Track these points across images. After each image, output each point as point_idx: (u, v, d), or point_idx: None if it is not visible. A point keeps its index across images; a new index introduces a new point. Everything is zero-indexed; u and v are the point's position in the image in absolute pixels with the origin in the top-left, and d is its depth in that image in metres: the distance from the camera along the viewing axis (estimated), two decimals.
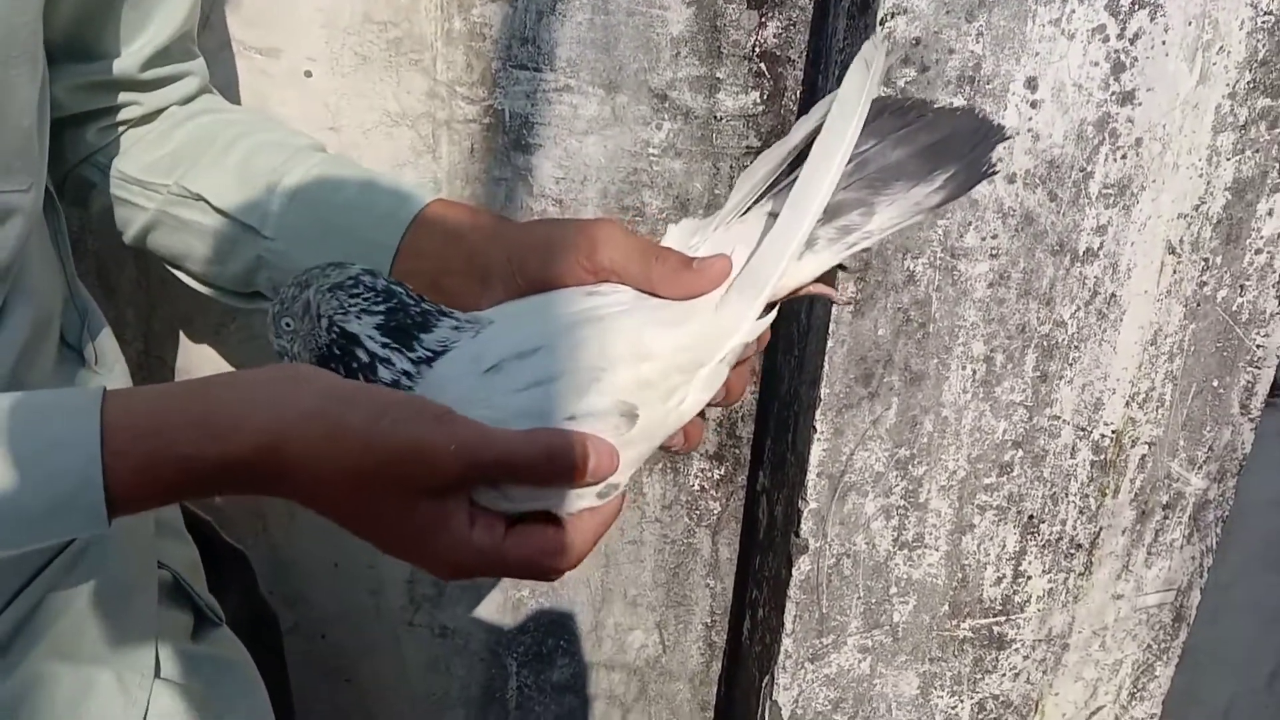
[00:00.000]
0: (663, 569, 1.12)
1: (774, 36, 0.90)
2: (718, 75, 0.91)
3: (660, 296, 0.54)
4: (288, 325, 0.52)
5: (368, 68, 0.90)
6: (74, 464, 0.47)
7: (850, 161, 0.54)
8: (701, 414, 0.56)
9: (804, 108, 0.93)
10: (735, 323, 0.53)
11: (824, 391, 0.90)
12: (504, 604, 1.13)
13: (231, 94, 0.90)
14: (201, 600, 0.74)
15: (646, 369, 0.51)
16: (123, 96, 0.71)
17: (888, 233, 0.56)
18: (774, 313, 0.55)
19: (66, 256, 0.71)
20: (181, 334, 1.00)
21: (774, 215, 0.55)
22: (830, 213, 0.54)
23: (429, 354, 0.51)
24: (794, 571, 0.97)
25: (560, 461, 0.48)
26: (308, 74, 0.90)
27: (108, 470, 0.47)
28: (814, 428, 0.92)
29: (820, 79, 0.91)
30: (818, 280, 0.58)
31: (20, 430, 0.48)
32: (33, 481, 0.47)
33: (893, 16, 0.79)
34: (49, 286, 0.68)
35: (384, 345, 0.50)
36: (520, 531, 0.50)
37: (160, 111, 0.73)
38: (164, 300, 0.98)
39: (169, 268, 0.74)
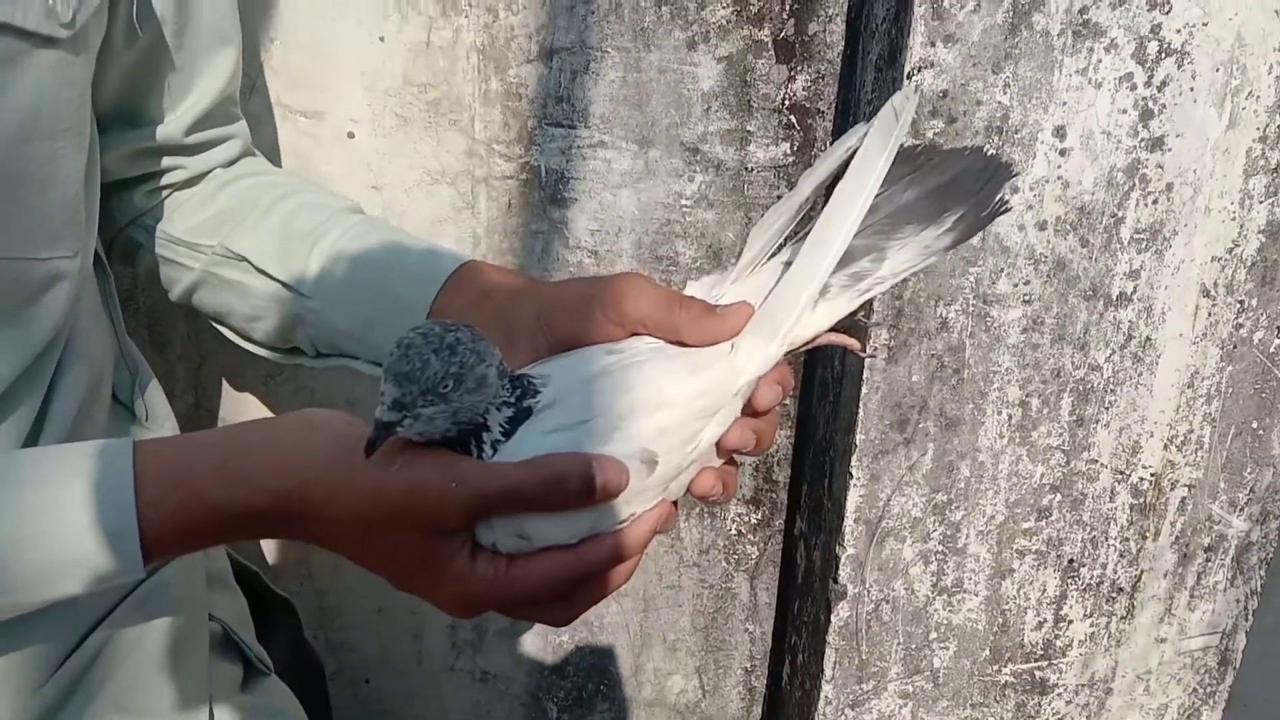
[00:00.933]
0: (701, 614, 1.12)
1: (803, 89, 0.92)
2: (748, 128, 0.93)
3: (686, 344, 0.55)
4: (446, 388, 0.47)
5: (408, 128, 0.92)
6: (110, 514, 0.49)
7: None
8: (734, 461, 0.57)
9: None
10: (746, 361, 0.54)
11: (859, 438, 0.91)
12: (544, 648, 1.14)
13: (277, 155, 0.93)
14: (251, 651, 0.76)
15: (664, 416, 0.51)
16: (168, 161, 0.74)
17: (900, 278, 0.56)
18: (784, 349, 0.55)
19: (116, 316, 0.74)
20: (230, 387, 1.03)
21: (790, 265, 0.55)
22: (842, 260, 0.54)
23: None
24: (833, 617, 0.97)
25: (565, 485, 0.48)
26: (350, 135, 0.93)
27: (142, 519, 0.49)
28: (850, 474, 0.93)
29: (846, 128, 0.92)
30: (839, 330, 0.58)
31: (57, 482, 0.50)
32: (71, 531, 0.49)
33: (920, 70, 0.80)
34: (101, 346, 0.70)
35: (499, 436, 0.50)
36: (523, 560, 0.50)
37: (205, 175, 0.76)
38: (213, 354, 1.01)
39: (213, 324, 0.77)
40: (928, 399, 0.90)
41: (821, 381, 1.00)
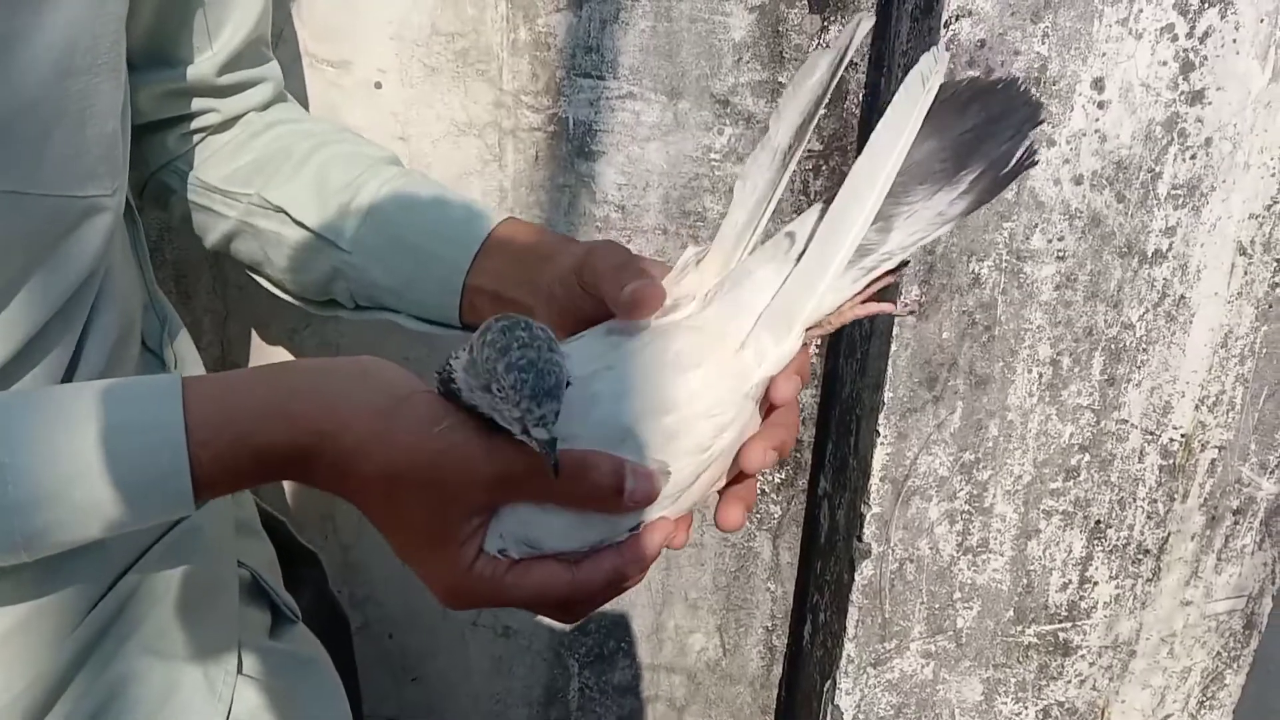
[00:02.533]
0: (723, 572, 1.12)
1: (836, 40, 0.90)
2: (780, 80, 0.92)
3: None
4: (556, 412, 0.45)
5: (435, 78, 0.91)
6: (162, 455, 0.49)
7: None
8: (737, 478, 0.53)
9: (866, 111, 0.93)
10: (756, 360, 0.49)
11: (887, 395, 0.90)
12: None
13: (303, 106, 0.93)
14: (279, 598, 0.76)
15: (669, 421, 0.48)
16: (201, 103, 0.73)
17: (909, 251, 0.50)
18: (799, 343, 0.51)
19: (145, 263, 0.74)
20: (256, 339, 1.03)
21: (790, 236, 0.51)
22: None
23: None
24: (856, 576, 0.97)
25: (594, 476, 0.47)
26: (378, 85, 0.92)
27: (193, 459, 0.49)
28: (877, 432, 0.92)
29: (883, 81, 0.91)
30: (869, 300, 0.52)
31: (111, 417, 0.50)
32: (123, 469, 0.50)
33: (957, 19, 0.79)
34: (131, 291, 0.70)
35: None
36: (523, 568, 0.50)
37: (238, 118, 0.75)
38: (239, 306, 1.01)
39: (249, 272, 0.77)
40: (958, 356, 0.89)
41: (849, 338, 0.99)
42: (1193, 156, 0.83)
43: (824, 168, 0.95)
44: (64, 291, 0.60)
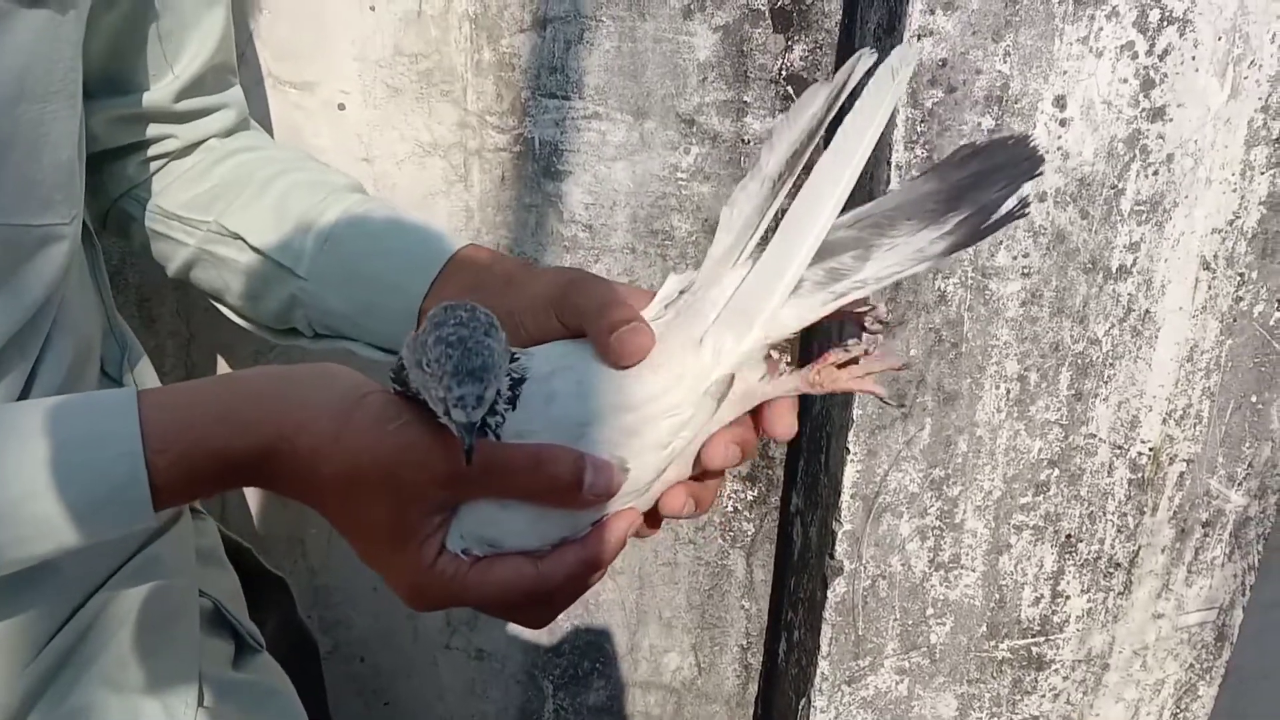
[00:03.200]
0: (697, 590, 1.12)
1: (800, 59, 0.91)
2: (745, 99, 0.92)
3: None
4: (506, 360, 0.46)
5: (399, 99, 0.91)
6: (118, 462, 0.49)
7: (871, 201, 0.49)
8: (701, 476, 0.53)
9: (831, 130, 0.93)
10: (713, 359, 0.49)
11: (856, 413, 0.90)
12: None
13: (266, 128, 0.92)
14: (243, 628, 0.75)
15: (629, 419, 0.48)
16: (159, 129, 0.72)
17: (883, 284, 0.49)
18: (763, 344, 0.50)
19: (105, 289, 0.73)
20: (221, 363, 1.02)
21: (761, 243, 0.50)
22: (822, 252, 0.48)
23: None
24: (829, 593, 0.97)
25: (551, 468, 0.47)
26: (341, 107, 0.91)
27: (149, 467, 0.49)
28: (847, 449, 0.92)
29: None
30: (866, 377, 0.52)
31: (64, 432, 0.50)
32: (79, 481, 0.49)
33: (919, 39, 0.79)
34: (89, 318, 0.69)
35: (502, 412, 0.48)
36: (485, 565, 0.49)
37: (198, 145, 0.74)
38: (203, 330, 1.00)
39: (210, 300, 0.76)
40: (925, 373, 0.89)
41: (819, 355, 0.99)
42: (1155, 173, 0.84)
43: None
44: (18, 319, 0.59)
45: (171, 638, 0.68)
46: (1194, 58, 0.81)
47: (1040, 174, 0.50)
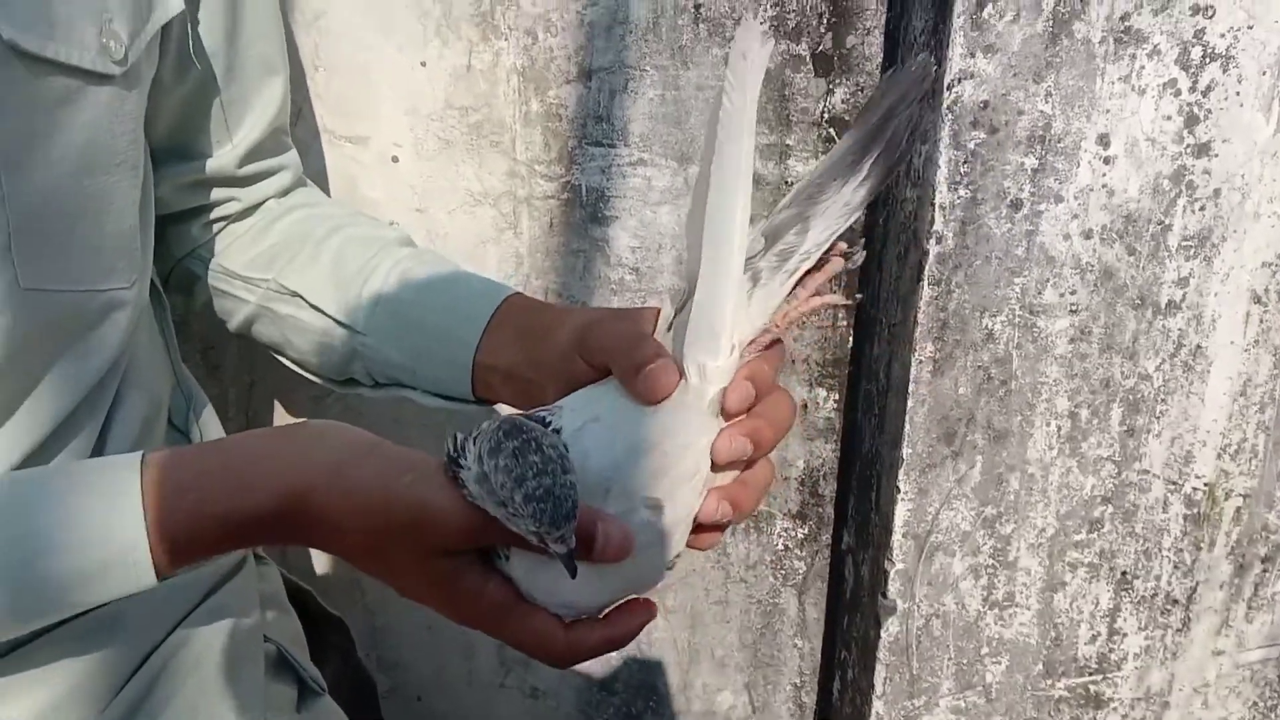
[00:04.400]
0: (749, 629, 1.12)
1: (841, 102, 0.92)
2: (787, 142, 0.93)
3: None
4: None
5: (451, 151, 0.94)
6: (120, 526, 0.51)
7: (804, 177, 0.51)
8: (758, 464, 0.55)
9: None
10: (698, 380, 0.51)
11: (906, 451, 0.91)
12: (592, 664, 1.14)
13: (323, 181, 0.95)
14: (306, 672, 0.77)
15: (653, 460, 0.50)
16: (222, 193, 0.75)
17: (824, 246, 0.51)
18: (738, 354, 0.52)
19: (172, 344, 0.76)
20: (282, 409, 1.04)
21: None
22: (770, 238, 0.50)
23: None
24: (883, 633, 0.97)
25: None
26: (394, 159, 0.94)
27: (151, 529, 0.51)
28: (898, 487, 0.92)
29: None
30: (814, 294, 0.54)
31: (69, 498, 0.52)
32: (83, 544, 0.51)
33: (959, 81, 0.80)
34: (157, 374, 0.72)
35: None
36: (529, 609, 0.51)
37: (258, 205, 0.77)
38: (265, 377, 1.03)
39: (271, 353, 0.79)
40: (975, 411, 0.89)
41: (866, 395, 0.99)
42: (1202, 208, 0.84)
43: None
44: (88, 380, 0.62)
45: (237, 683, 0.70)
46: (1238, 93, 0.81)
47: (927, 86, 0.51)
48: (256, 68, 0.72)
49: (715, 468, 0.53)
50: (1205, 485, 0.92)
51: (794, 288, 0.53)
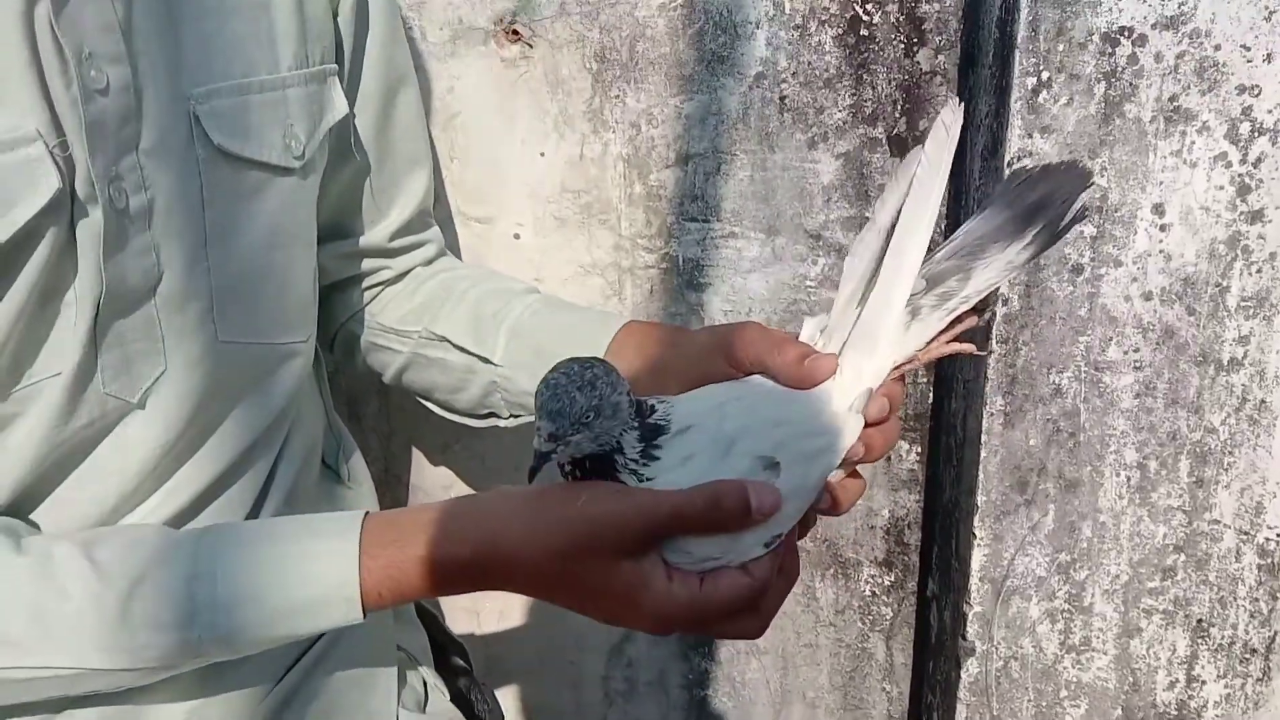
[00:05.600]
0: (839, 672, 1.18)
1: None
2: (866, 214, 1.02)
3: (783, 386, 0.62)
4: (590, 418, 0.55)
5: (565, 229, 1.06)
6: (337, 565, 0.61)
7: (958, 236, 0.61)
8: (856, 474, 0.64)
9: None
10: (854, 377, 0.60)
11: (981, 499, 0.97)
12: (689, 701, 1.22)
13: (456, 255, 1.09)
14: (432, 680, 0.88)
15: (779, 433, 0.59)
16: (377, 263, 0.89)
17: (983, 294, 0.60)
18: (888, 370, 0.61)
19: (326, 394, 0.89)
20: (416, 453, 1.17)
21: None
22: (931, 281, 0.60)
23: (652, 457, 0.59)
24: (963, 674, 1.02)
25: (725, 503, 0.56)
26: (516, 236, 1.07)
27: (362, 568, 0.61)
28: (974, 533, 0.98)
29: (960, 214, 1.00)
30: (953, 340, 0.63)
31: (300, 542, 0.63)
32: (307, 579, 0.61)
33: (1019, 159, 0.88)
34: (315, 419, 0.85)
35: (635, 456, 0.58)
36: (712, 578, 0.58)
37: (407, 273, 0.90)
38: (401, 427, 1.16)
39: (419, 399, 0.91)
40: (1046, 461, 0.95)
41: (945, 447, 1.06)
42: (1258, 270, 0.89)
43: None
44: (265, 421, 0.74)
45: (374, 681, 0.81)
46: None
47: (1092, 184, 0.61)
48: (404, 160, 0.86)
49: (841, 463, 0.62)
50: (1278, 535, 0.95)
51: (945, 328, 0.62)
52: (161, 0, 0.63)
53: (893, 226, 0.61)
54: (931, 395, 1.07)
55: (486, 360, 0.82)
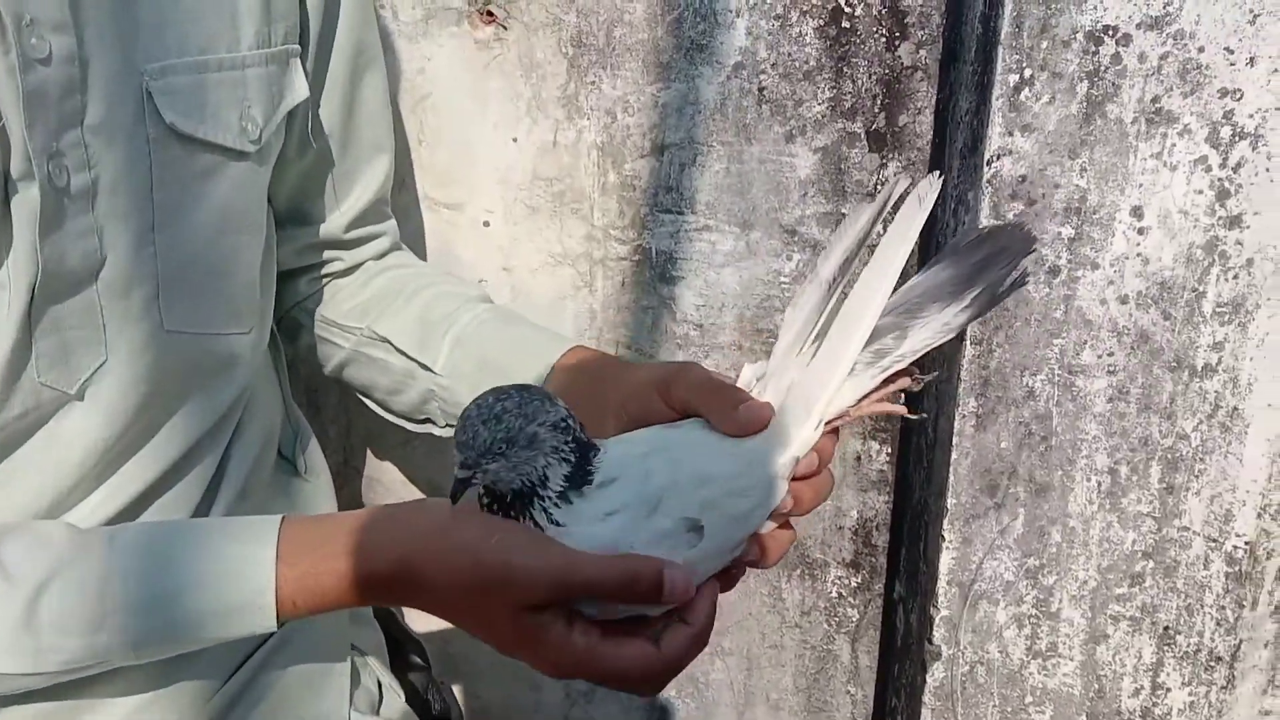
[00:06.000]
0: (803, 674, 1.17)
1: (894, 175, 1.00)
2: (842, 210, 1.01)
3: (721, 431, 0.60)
4: (501, 449, 0.54)
5: (536, 217, 1.04)
6: (254, 572, 0.59)
7: (899, 292, 0.59)
8: (788, 525, 0.62)
9: (924, 240, 1.01)
10: (785, 442, 0.58)
11: (950, 502, 0.96)
12: (651, 703, 1.20)
13: (421, 241, 1.06)
14: (386, 680, 0.85)
15: (706, 492, 0.57)
16: (329, 254, 0.86)
17: (918, 354, 0.60)
18: (820, 430, 0.60)
19: (284, 383, 0.86)
20: (375, 446, 1.14)
21: (818, 349, 0.60)
22: (868, 339, 0.59)
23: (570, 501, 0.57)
24: (929, 678, 1.01)
25: (638, 585, 0.54)
26: (486, 224, 1.05)
27: (279, 576, 0.59)
28: (943, 537, 0.97)
29: (939, 210, 0.99)
30: (887, 399, 0.62)
31: (214, 540, 0.60)
32: (219, 586, 0.59)
33: (999, 157, 0.87)
34: (271, 408, 0.82)
35: (555, 495, 0.56)
36: (616, 641, 0.56)
37: (358, 266, 0.88)
38: (360, 418, 1.13)
39: (358, 395, 0.88)
40: (1017, 465, 0.94)
41: (916, 448, 1.05)
42: (1235, 276, 0.88)
43: None
44: (214, 414, 0.71)
45: (327, 681, 0.78)
46: (1268, 169, 0.86)
47: (1035, 250, 0.60)
48: (367, 146, 0.83)
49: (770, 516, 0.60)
50: (1246, 544, 0.95)
51: (878, 385, 0.61)
52: None
53: (833, 280, 0.60)
54: (902, 396, 1.06)
55: (427, 368, 0.80)
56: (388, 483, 1.15)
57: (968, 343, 0.92)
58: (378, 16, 0.88)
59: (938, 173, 0.60)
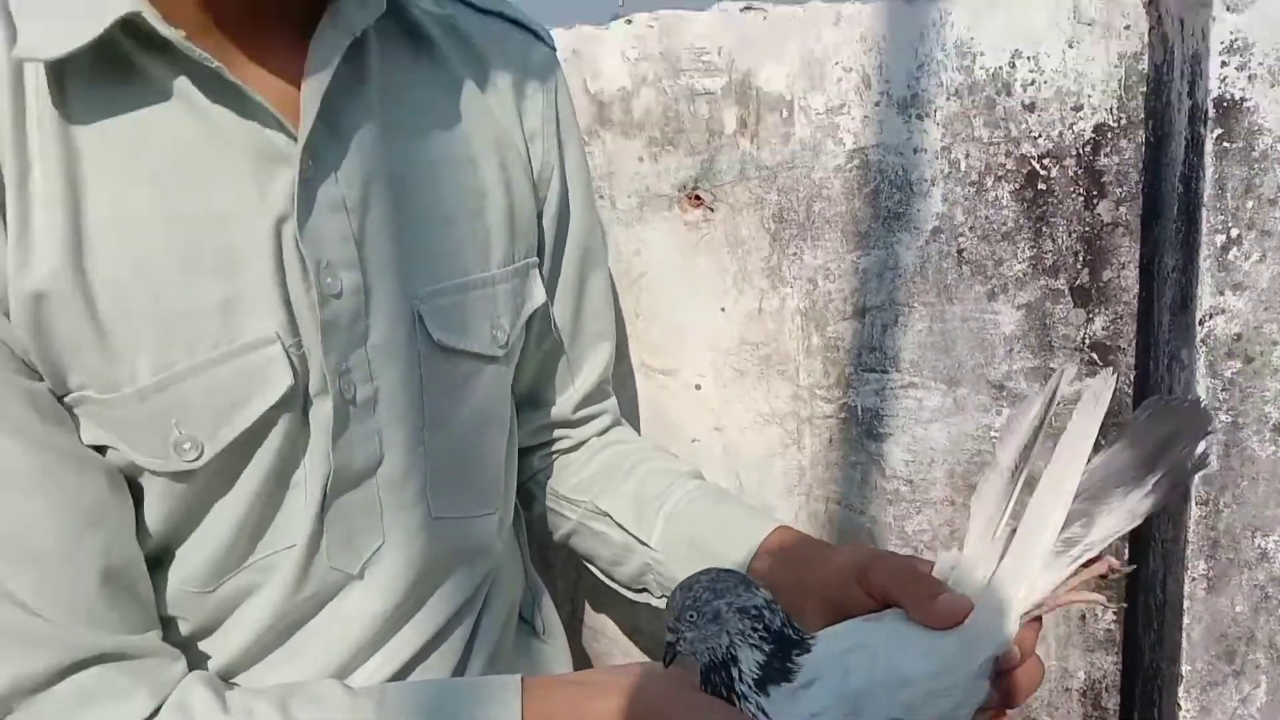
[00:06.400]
0: None
1: (1102, 329, 0.99)
2: (1050, 365, 1.01)
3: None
4: (691, 618, 0.59)
5: (744, 380, 1.10)
6: None
7: (1083, 474, 0.60)
8: (1002, 714, 0.62)
9: (1137, 392, 0.99)
10: (982, 640, 0.59)
11: (1185, 668, 0.92)
12: None
13: (636, 406, 1.14)
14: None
15: (906, 694, 0.58)
16: (558, 433, 0.94)
17: (1108, 542, 0.60)
18: (1019, 623, 0.60)
19: (525, 550, 0.94)
20: (599, 602, 1.21)
21: (1009, 546, 0.61)
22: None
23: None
24: None
25: None
26: (698, 387, 1.12)
27: None
28: (1179, 704, 0.92)
29: (1151, 364, 0.98)
30: (1080, 589, 0.62)
31: (464, 705, 0.66)
32: None
33: (1211, 316, 0.86)
34: (514, 577, 0.90)
35: (752, 681, 0.58)
36: None
37: (584, 443, 0.96)
38: (586, 574, 1.20)
39: (584, 562, 0.95)
40: (1255, 630, 0.89)
41: (1145, 607, 1.01)
42: None
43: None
44: (471, 585, 0.80)
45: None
46: None
47: (1213, 430, 0.59)
48: (592, 336, 0.91)
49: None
50: None
51: (1072, 574, 0.62)
52: (390, 212, 0.71)
53: (1014, 467, 0.62)
54: (1128, 552, 1.03)
55: (643, 543, 0.85)
56: (612, 635, 1.21)
57: (1193, 503, 0.89)
58: (597, 208, 0.98)
59: (1111, 369, 0.62)
